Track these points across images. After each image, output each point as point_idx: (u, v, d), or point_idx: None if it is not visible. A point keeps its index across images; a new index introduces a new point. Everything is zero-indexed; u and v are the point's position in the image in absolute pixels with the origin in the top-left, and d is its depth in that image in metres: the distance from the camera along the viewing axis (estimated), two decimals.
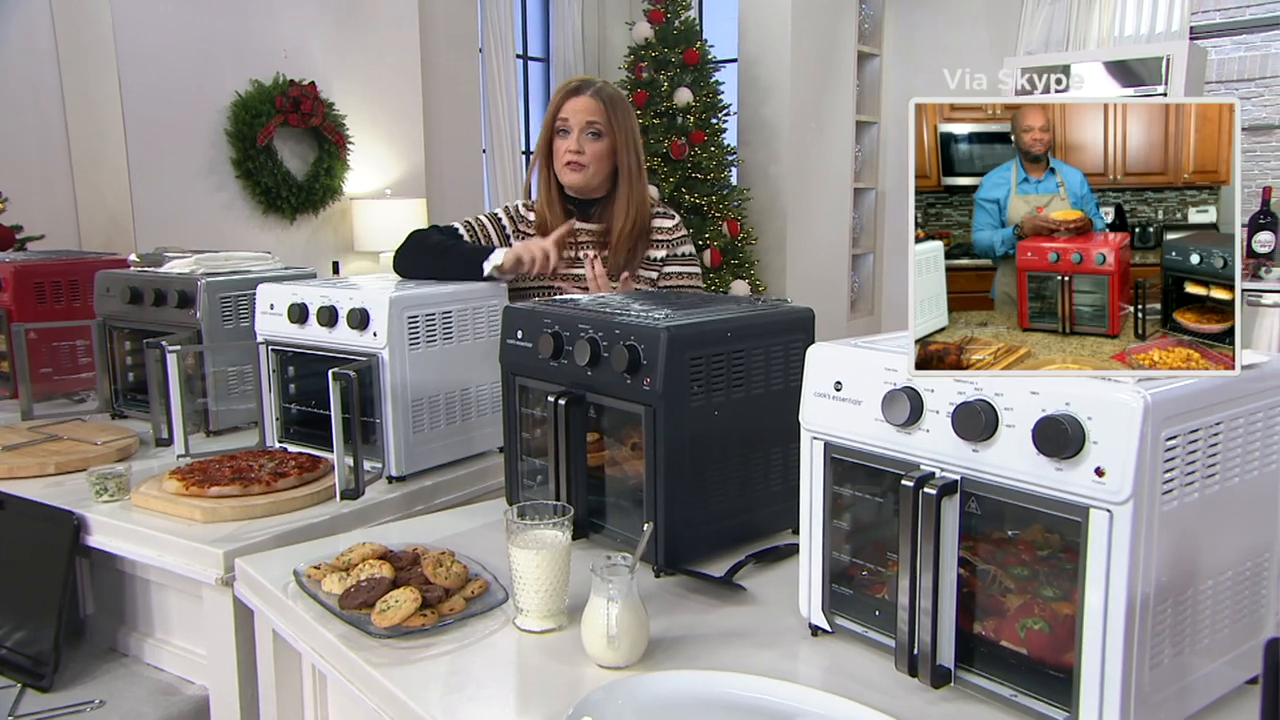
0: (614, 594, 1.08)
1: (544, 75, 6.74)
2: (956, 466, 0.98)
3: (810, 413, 1.13)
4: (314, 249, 4.75)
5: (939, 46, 6.81)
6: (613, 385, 1.39)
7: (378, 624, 1.18)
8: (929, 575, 0.98)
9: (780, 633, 1.19)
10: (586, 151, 2.11)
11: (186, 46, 4.25)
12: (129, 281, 2.24)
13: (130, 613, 1.78)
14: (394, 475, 1.81)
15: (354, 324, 1.78)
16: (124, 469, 1.75)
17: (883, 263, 7.34)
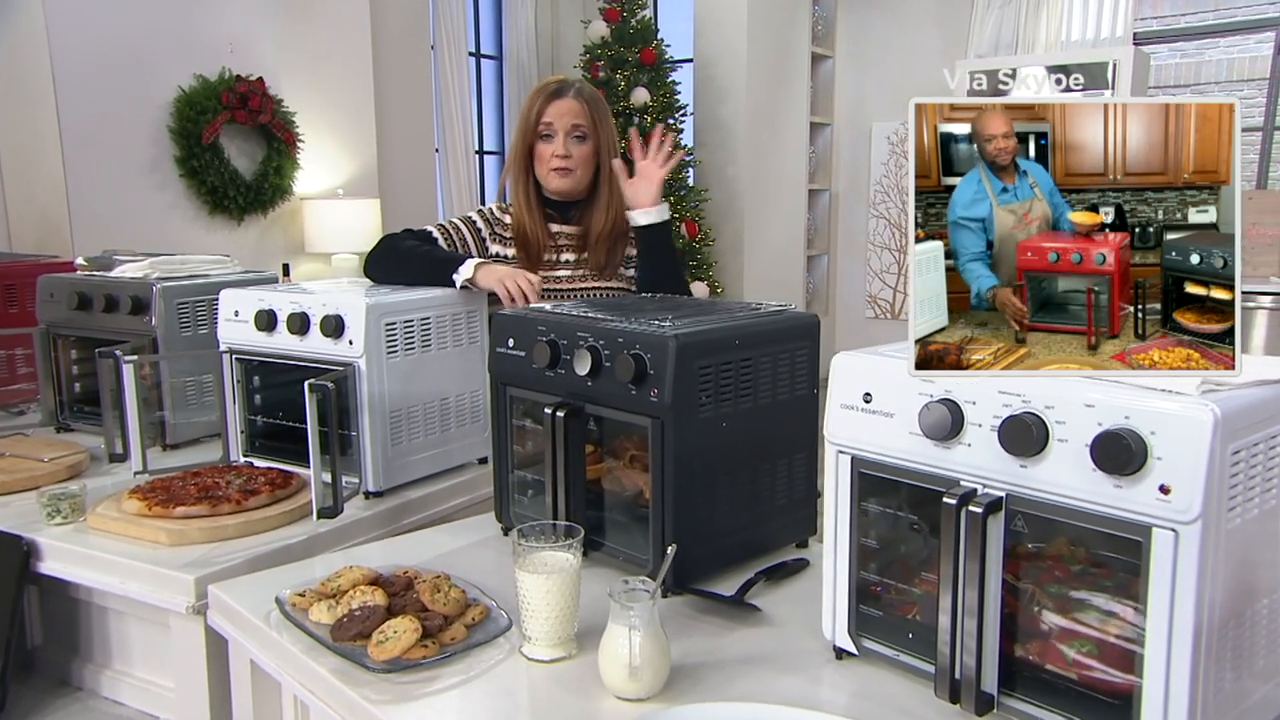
0: (635, 621, 1.02)
1: (497, 73, 6.62)
2: (1001, 483, 0.93)
3: (836, 426, 1.08)
4: (263, 251, 4.58)
5: (891, 49, 6.86)
6: (615, 396, 1.32)
7: (375, 657, 1.09)
8: (973, 596, 0.93)
9: (802, 656, 1.14)
10: (574, 155, 2.03)
11: (126, 38, 4.05)
12: (76, 286, 2.11)
13: (85, 643, 1.66)
14: (371, 490, 1.72)
15: (328, 331, 1.68)
16: (78, 488, 1.63)
17: (837, 263, 7.38)
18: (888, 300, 7.20)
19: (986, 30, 6.60)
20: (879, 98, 6.97)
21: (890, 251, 7.14)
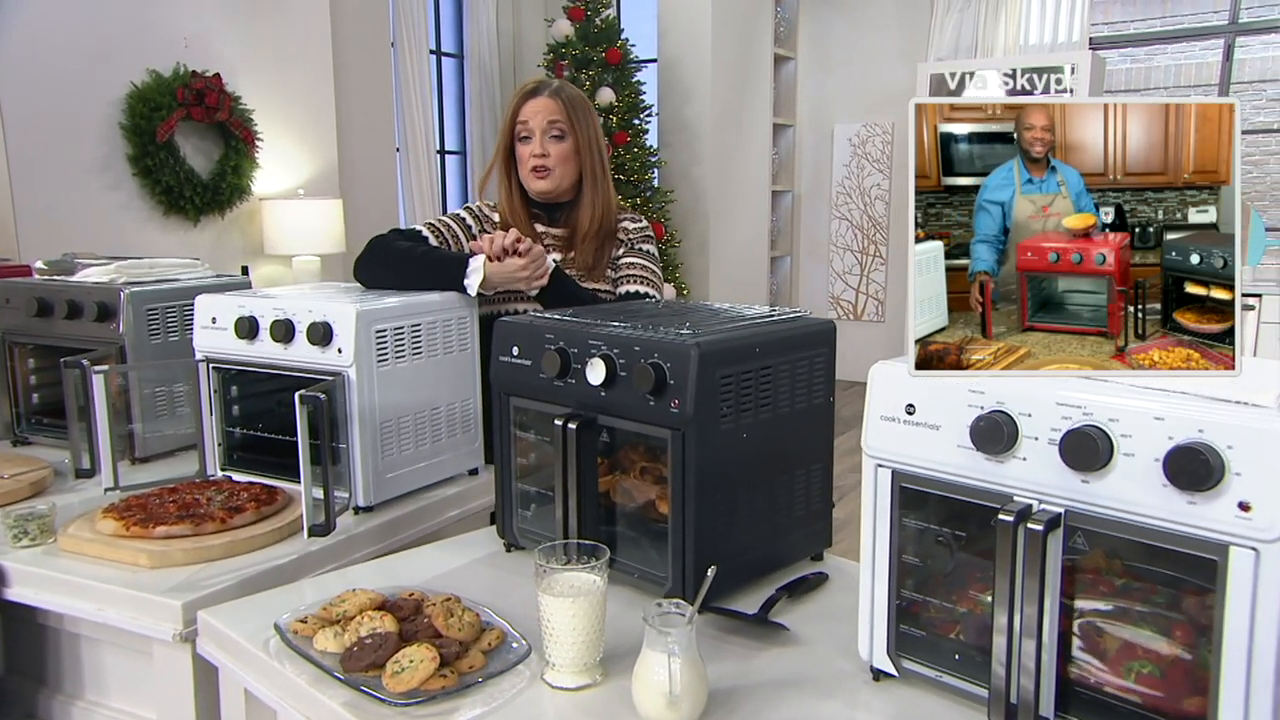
0: (674, 647, 0.96)
1: (458, 72, 6.51)
2: (1060, 498, 0.90)
3: (875, 438, 1.03)
4: (220, 252, 4.43)
5: (852, 51, 6.90)
6: (631, 407, 1.26)
7: (392, 688, 1.03)
8: (1032, 616, 0.90)
9: (838, 678, 1.09)
10: (551, 154, 1.98)
11: (74, 29, 3.88)
12: (35, 291, 1.99)
13: (53, 673, 1.56)
14: (361, 506, 1.64)
15: (315, 339, 1.60)
16: (47, 508, 1.53)
17: (799, 265, 7.40)
18: (850, 301, 7.24)
19: (946, 33, 6.67)
20: (840, 99, 7.01)
21: (853, 253, 7.17)
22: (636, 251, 2.04)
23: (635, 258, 2.03)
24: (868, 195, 7.03)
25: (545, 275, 1.87)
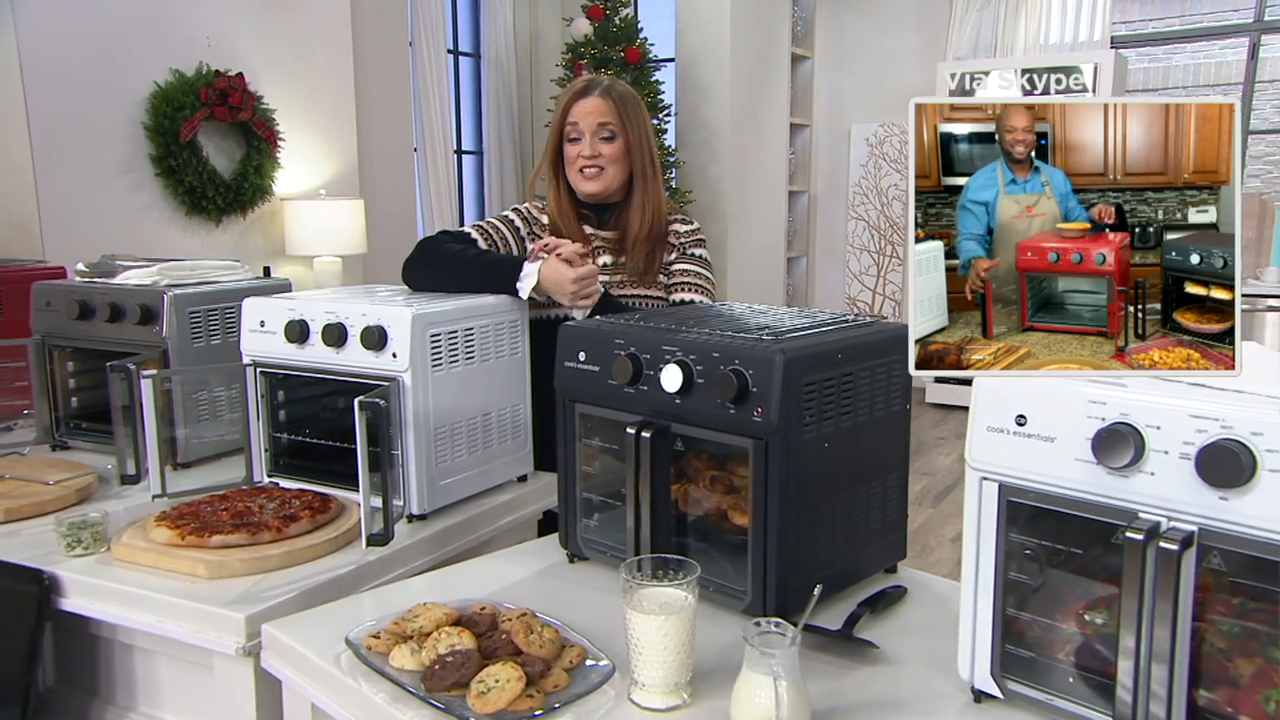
0: (779, 670, 0.92)
1: (475, 71, 6.48)
2: (1192, 516, 0.85)
3: (981, 450, 0.99)
4: (242, 253, 4.39)
5: (869, 50, 6.85)
6: (709, 415, 1.22)
7: (478, 709, 0.99)
8: (1164, 640, 0.86)
9: (936, 700, 1.05)
10: (603, 154, 1.94)
11: (98, 30, 3.85)
12: (76, 294, 1.96)
13: (105, 685, 1.52)
14: (415, 514, 1.60)
15: (369, 344, 1.56)
16: (99, 516, 1.49)
17: (816, 266, 7.36)
18: (866, 302, 7.19)
19: (965, 33, 6.61)
20: (858, 99, 6.96)
21: (869, 254, 7.13)
22: (690, 258, 2.00)
23: (689, 264, 1.99)
24: (885, 196, 6.99)
25: (592, 299, 1.80)
